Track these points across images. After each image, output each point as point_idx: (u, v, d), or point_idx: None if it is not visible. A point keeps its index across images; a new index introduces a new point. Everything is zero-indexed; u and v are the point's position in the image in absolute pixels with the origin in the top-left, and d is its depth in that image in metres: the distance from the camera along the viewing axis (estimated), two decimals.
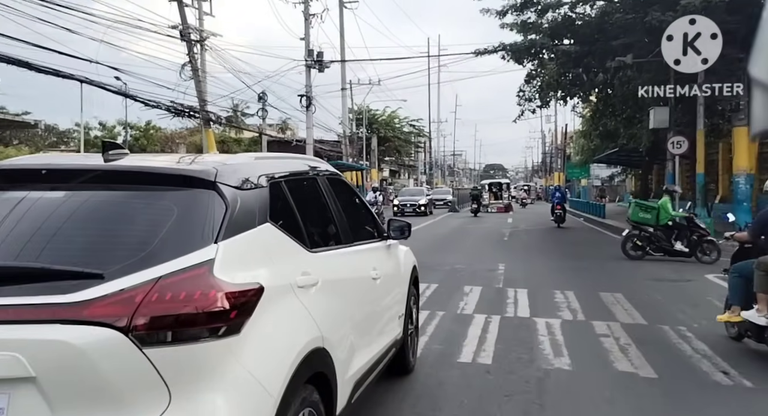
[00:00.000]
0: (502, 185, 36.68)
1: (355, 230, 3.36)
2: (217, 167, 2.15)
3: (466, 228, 19.76)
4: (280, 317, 2.09)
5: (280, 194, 2.47)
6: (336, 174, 3.43)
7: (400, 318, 3.89)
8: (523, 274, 9.32)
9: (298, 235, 2.47)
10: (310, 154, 28.32)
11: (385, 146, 50.80)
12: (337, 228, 3.05)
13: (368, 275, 3.26)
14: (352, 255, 3.14)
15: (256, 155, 2.80)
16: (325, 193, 3.07)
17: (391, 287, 3.71)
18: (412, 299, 4.33)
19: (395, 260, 4.00)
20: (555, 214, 20.16)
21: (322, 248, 2.80)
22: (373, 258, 3.49)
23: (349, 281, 2.97)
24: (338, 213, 3.12)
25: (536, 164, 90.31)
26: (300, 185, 2.82)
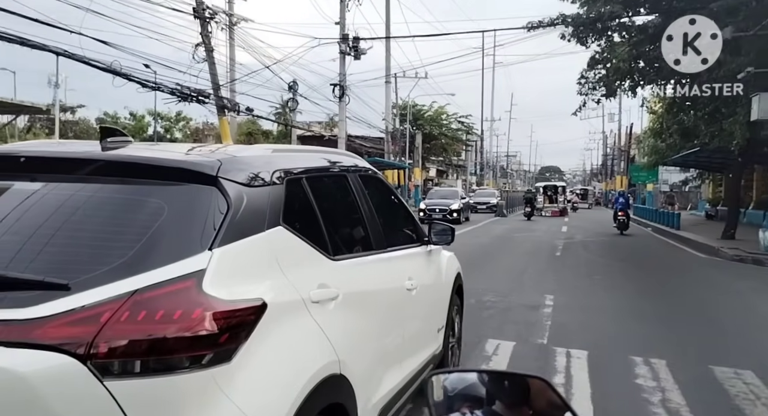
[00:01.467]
0: (557, 188, 35.39)
1: (390, 235, 3.01)
2: (221, 160, 1.88)
3: (510, 238, 16.70)
4: (287, 339, 1.80)
5: (298, 192, 2.19)
6: (371, 171, 3.08)
7: (440, 331, 3.57)
8: (581, 317, 6.41)
9: (318, 240, 2.19)
10: (343, 149, 26.00)
11: (431, 144, 47.92)
12: (368, 232, 2.70)
13: (402, 286, 2.91)
14: (384, 263, 2.79)
15: (274, 146, 2.49)
16: (356, 192, 2.71)
17: (429, 297, 3.38)
18: (455, 309, 4.02)
19: (436, 268, 3.64)
20: (618, 220, 19.08)
21: (348, 255, 2.46)
22: (410, 266, 3.14)
23: (377, 293, 2.62)
24: (370, 215, 2.77)
25: (595, 166, 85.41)
26: (324, 182, 2.57)
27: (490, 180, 68.71)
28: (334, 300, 2.13)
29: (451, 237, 3.66)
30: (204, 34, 16.94)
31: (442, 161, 58.28)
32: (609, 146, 64.51)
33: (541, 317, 6.38)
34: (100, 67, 12.71)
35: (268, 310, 1.70)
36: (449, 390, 1.23)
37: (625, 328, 5.98)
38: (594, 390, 4.04)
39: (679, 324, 6.20)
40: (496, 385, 1.25)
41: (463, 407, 1.19)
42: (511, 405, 1.18)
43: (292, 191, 2.12)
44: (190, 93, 15.52)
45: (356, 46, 25.23)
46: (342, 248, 2.43)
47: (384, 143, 42.09)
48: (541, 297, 7.43)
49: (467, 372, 1.30)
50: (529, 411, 1.18)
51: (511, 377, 1.32)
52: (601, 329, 5.89)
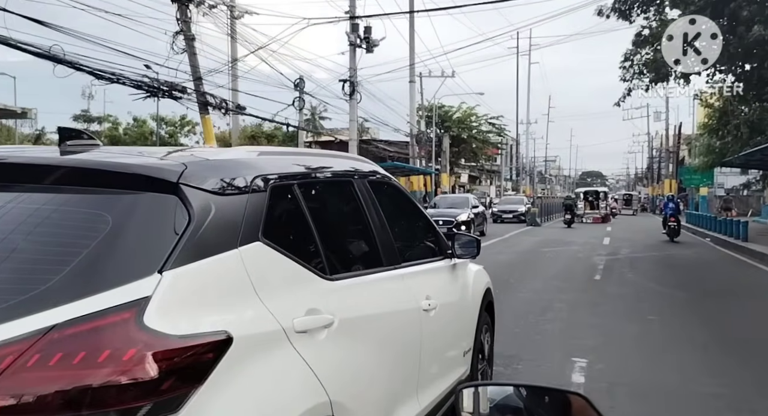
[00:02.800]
0: (599, 193, 33.59)
1: (405, 249, 2.76)
2: (187, 163, 1.60)
3: (538, 254, 13.78)
4: (260, 379, 1.52)
5: (287, 201, 1.93)
6: (383, 177, 2.77)
7: (467, 354, 3.21)
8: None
9: (311, 258, 1.92)
10: (354, 151, 23.58)
11: (459, 147, 45.05)
12: (377, 247, 2.38)
13: (418, 306, 2.54)
14: (396, 282, 2.45)
15: (261, 148, 2.20)
16: (363, 201, 2.39)
17: (453, 318, 3.03)
18: (484, 328, 3.58)
19: (461, 284, 3.27)
20: (668, 227, 18.08)
21: (350, 273, 2.18)
22: (429, 283, 2.78)
23: (385, 316, 2.28)
24: (380, 227, 2.43)
25: (640, 170, 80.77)
26: (322, 189, 2.30)
27: (527, 186, 65.22)
28: (327, 328, 1.82)
29: (477, 250, 3.27)
30: (182, 20, 14.83)
31: (474, 167, 55.28)
32: (655, 148, 60.22)
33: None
34: (35, 52, 10.68)
35: (235, 345, 1.42)
36: (488, 401, 1.16)
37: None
38: None
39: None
40: (535, 400, 1.18)
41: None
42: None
43: (279, 199, 1.85)
44: (160, 86, 13.39)
45: (368, 37, 22.89)
46: (342, 266, 2.16)
47: (409, 147, 39.63)
48: (568, 364, 4.68)
49: (502, 385, 1.24)
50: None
51: (550, 392, 1.21)
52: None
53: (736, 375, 4.52)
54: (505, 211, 28.77)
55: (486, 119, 45.08)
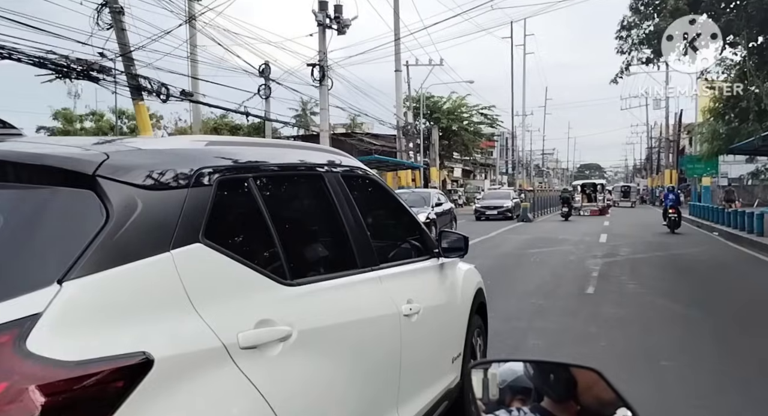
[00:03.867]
0: (596, 186, 33.32)
1: (386, 249, 2.62)
2: (110, 153, 1.41)
3: (523, 257, 11.65)
4: (191, 408, 1.29)
5: (239, 197, 1.74)
6: (360, 170, 2.55)
7: (456, 360, 2.95)
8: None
9: (267, 261, 1.72)
10: (326, 143, 21.52)
11: (450, 140, 42.91)
12: (351, 247, 2.16)
13: (397, 312, 2.28)
14: (371, 286, 2.21)
15: (211, 138, 2.04)
16: (336, 197, 2.16)
17: (439, 322, 2.77)
18: (476, 332, 3.33)
19: (449, 285, 3.02)
20: (669, 218, 17.86)
21: (316, 277, 1.96)
22: (411, 286, 2.52)
23: (357, 325, 2.03)
24: (356, 225, 2.21)
25: (639, 162, 78.94)
26: (285, 184, 2.08)
27: (523, 180, 63.16)
28: (283, 342, 1.60)
29: (465, 248, 3.03)
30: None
31: (467, 160, 53.12)
32: (654, 137, 58.21)
33: None
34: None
35: (157, 369, 1.21)
36: (498, 382, 1.13)
37: None
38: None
39: None
40: (541, 378, 1.13)
41: (513, 401, 1.09)
42: (557, 400, 1.07)
43: (229, 195, 1.65)
44: (69, 65, 11.28)
45: (338, 17, 20.78)
46: (308, 270, 1.99)
47: (396, 140, 37.49)
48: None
49: (512, 362, 1.17)
50: (576, 407, 1.06)
51: (559, 368, 1.16)
52: None
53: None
54: (488, 207, 25.76)
55: (477, 109, 42.89)
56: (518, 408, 1.08)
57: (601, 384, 1.06)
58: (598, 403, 1.07)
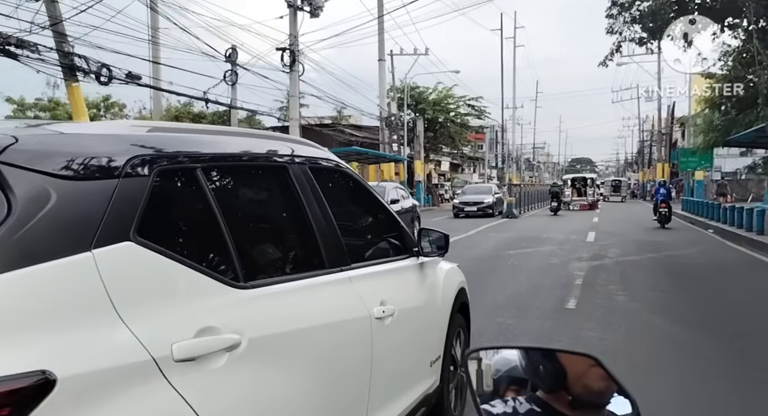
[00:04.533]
0: (586, 180, 32.76)
1: (360, 247, 2.46)
2: (19, 136, 1.25)
3: (499, 260, 10.27)
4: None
5: (184, 189, 1.56)
6: (331, 162, 2.37)
7: (436, 363, 2.79)
8: None
9: (216, 261, 1.55)
10: (296, 132, 20.07)
11: (436, 132, 41.52)
12: (318, 245, 1.99)
13: (368, 315, 2.10)
14: (339, 287, 2.04)
15: (154, 123, 1.89)
16: (302, 191, 1.98)
17: (417, 324, 2.62)
18: (458, 332, 3.18)
19: (429, 285, 2.86)
20: (659, 213, 17.57)
21: (274, 279, 1.77)
22: (386, 287, 2.35)
23: (321, 330, 1.85)
24: (324, 222, 2.03)
25: (631, 155, 78.21)
26: (242, 176, 1.88)
27: (513, 173, 61.97)
28: (229, 352, 1.42)
29: (445, 247, 2.89)
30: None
31: (455, 153, 51.78)
32: (646, 131, 57.21)
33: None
34: None
35: (60, 390, 1.05)
36: (493, 371, 1.11)
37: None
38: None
39: None
40: (532, 368, 1.11)
41: (507, 391, 1.08)
42: (548, 391, 1.07)
43: (171, 187, 1.49)
44: None
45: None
46: (265, 271, 1.79)
47: (379, 131, 36.05)
48: None
49: (508, 349, 1.14)
50: (568, 397, 1.05)
51: (558, 354, 1.11)
52: None
53: None
54: (467, 203, 23.37)
55: (464, 100, 41.47)
56: (514, 398, 1.06)
57: (593, 373, 1.03)
58: (590, 392, 1.05)
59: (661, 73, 38.87)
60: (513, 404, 1.05)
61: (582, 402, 1.04)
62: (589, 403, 1.04)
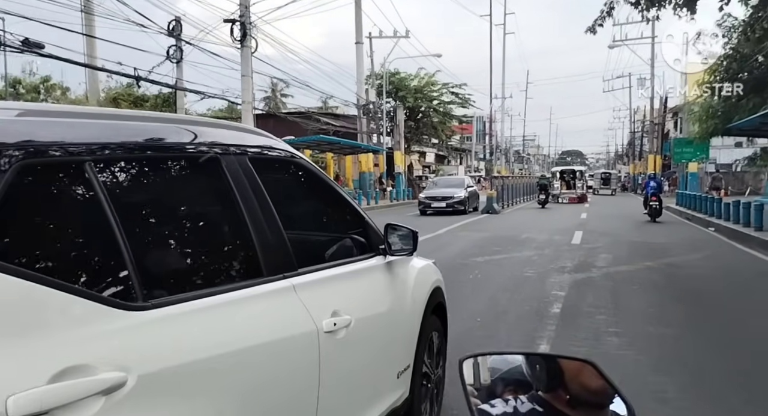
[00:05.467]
0: (575, 172, 32.23)
1: (313, 248, 2.26)
2: None
3: (458, 273, 8.11)
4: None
5: (60, 189, 1.31)
6: (277, 153, 2.08)
7: (404, 373, 2.52)
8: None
9: (101, 276, 1.29)
10: (249, 118, 17.85)
11: (418, 121, 39.39)
12: (255, 250, 1.71)
13: (314, 330, 1.81)
14: (279, 298, 1.75)
15: (30, 106, 1.50)
16: (236, 186, 1.71)
17: (380, 333, 2.33)
18: (435, 335, 2.93)
19: (397, 287, 2.56)
20: (650, 206, 17.00)
21: (188, 294, 1.45)
22: (341, 294, 2.07)
23: (246, 354, 1.53)
24: (264, 222, 1.75)
25: (622, 147, 76.76)
26: (148, 170, 1.56)
27: (502, 166, 60.12)
28: (107, 397, 1.14)
29: (413, 245, 2.61)
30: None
31: (440, 144, 49.70)
32: (638, 120, 55.50)
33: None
34: None
35: None
36: (491, 373, 1.12)
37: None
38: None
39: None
40: (540, 369, 1.14)
41: (505, 392, 1.08)
42: (545, 391, 1.09)
43: (40, 187, 1.23)
44: None
45: None
46: (174, 285, 1.45)
47: (357, 121, 33.87)
48: None
49: (505, 354, 1.17)
50: (566, 396, 1.07)
51: (555, 360, 1.16)
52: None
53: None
54: (435, 198, 20.03)
55: (448, 88, 39.30)
56: (515, 398, 1.06)
57: (589, 376, 1.05)
58: (587, 394, 1.06)
59: (655, 60, 37.01)
60: (514, 403, 1.04)
61: (579, 403, 1.04)
62: (588, 405, 1.04)
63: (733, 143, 37.61)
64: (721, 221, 15.56)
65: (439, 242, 11.55)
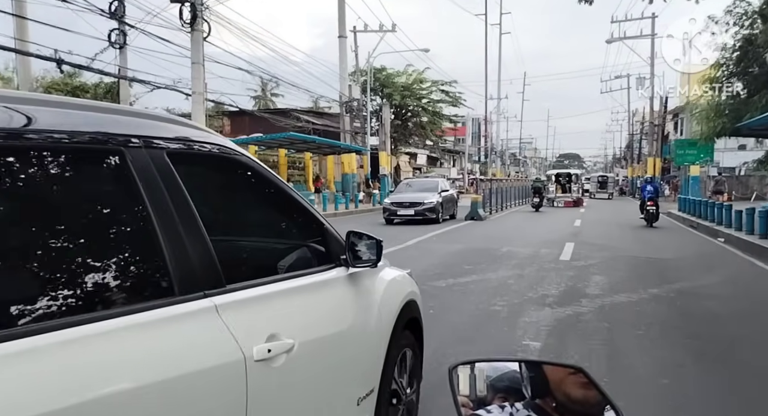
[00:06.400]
0: (571, 175, 31.67)
1: (254, 259, 2.09)
2: None
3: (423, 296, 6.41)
4: None
5: None
6: (205, 148, 1.73)
7: (366, 400, 2.23)
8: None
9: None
10: (200, 111, 15.92)
11: (408, 120, 37.50)
12: (165, 263, 1.41)
13: (239, 359, 1.50)
14: (190, 323, 1.43)
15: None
16: (145, 186, 1.43)
17: (334, 356, 2.01)
18: (402, 355, 2.59)
19: (360, 302, 2.27)
20: (646, 211, 16.43)
21: (49, 323, 1.15)
22: (281, 314, 1.78)
23: (132, 397, 1.24)
24: (179, 229, 1.46)
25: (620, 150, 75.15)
26: (16, 165, 1.24)
27: (498, 168, 58.35)
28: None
29: (377, 255, 2.29)
30: None
31: (433, 146, 47.82)
32: (637, 121, 53.78)
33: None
34: None
35: None
36: (484, 379, 1.11)
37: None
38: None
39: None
40: (531, 375, 1.12)
41: (496, 399, 1.09)
42: (538, 397, 1.09)
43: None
44: None
45: None
46: (34, 313, 1.14)
47: (340, 119, 31.95)
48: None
49: (496, 361, 1.16)
50: (552, 403, 1.07)
51: (546, 366, 1.14)
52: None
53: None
54: (402, 204, 16.73)
55: (437, 86, 37.40)
56: (511, 404, 1.06)
57: (580, 383, 1.05)
58: (579, 401, 1.07)
59: (655, 58, 35.24)
60: (510, 410, 1.04)
61: (567, 410, 1.04)
62: (580, 413, 1.04)
63: (737, 145, 35.85)
64: (731, 230, 13.80)
65: (403, 256, 9.64)
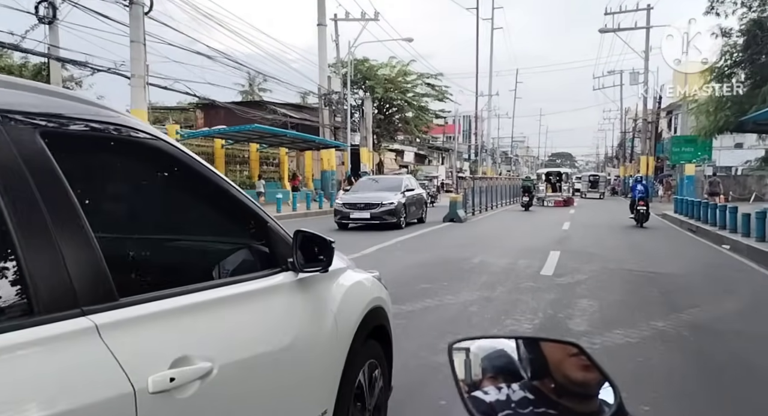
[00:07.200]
0: (561, 174, 30.94)
1: (168, 265, 1.83)
2: None
3: None
4: None
5: None
6: (119, 131, 1.45)
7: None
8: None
9: None
10: (140, 96, 14.10)
11: (391, 115, 35.81)
12: (21, 273, 1.10)
13: (128, 393, 1.21)
14: (61, 349, 1.13)
15: None
16: (3, 174, 1.12)
17: (270, 377, 1.74)
18: (367, 367, 2.37)
19: (310, 311, 2.03)
20: (636, 210, 16.05)
21: None
22: (195, 330, 1.48)
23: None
24: (52, 227, 1.17)
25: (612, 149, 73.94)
26: None
27: (488, 167, 56.80)
28: None
29: (326, 258, 2.00)
30: None
31: (421, 143, 46.26)
32: (630, 118, 52.46)
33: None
34: None
35: None
36: (481, 360, 1.09)
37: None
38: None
39: None
40: (528, 352, 1.11)
41: (496, 378, 1.08)
42: (531, 378, 1.08)
43: None
44: None
45: None
46: None
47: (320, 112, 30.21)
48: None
49: (492, 338, 1.14)
50: (551, 384, 1.06)
51: (543, 342, 1.12)
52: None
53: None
54: (355, 206, 14.08)
55: (423, 79, 35.71)
56: (507, 385, 1.06)
57: (578, 360, 1.05)
58: (575, 379, 1.06)
59: (650, 52, 33.80)
60: (507, 391, 1.05)
61: (569, 390, 1.05)
62: (576, 391, 1.05)
63: (733, 143, 34.50)
64: (737, 236, 12.29)
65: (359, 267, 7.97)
